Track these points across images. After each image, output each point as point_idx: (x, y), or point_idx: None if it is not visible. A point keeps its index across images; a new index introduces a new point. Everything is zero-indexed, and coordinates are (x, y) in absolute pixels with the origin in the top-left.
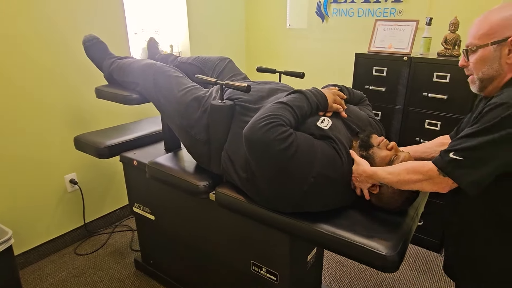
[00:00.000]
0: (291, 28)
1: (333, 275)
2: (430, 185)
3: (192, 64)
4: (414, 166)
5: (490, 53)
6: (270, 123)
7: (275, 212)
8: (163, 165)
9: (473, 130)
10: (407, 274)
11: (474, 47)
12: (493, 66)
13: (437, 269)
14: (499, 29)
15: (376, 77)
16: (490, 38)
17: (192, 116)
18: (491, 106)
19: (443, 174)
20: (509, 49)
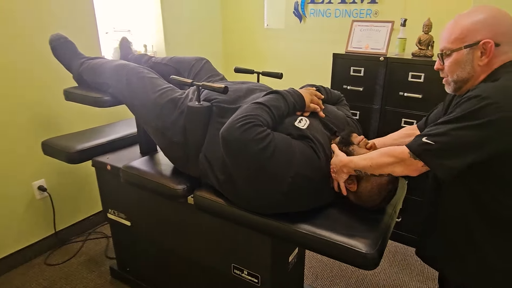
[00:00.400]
0: (269, 28)
1: (315, 274)
2: (401, 168)
3: (167, 65)
4: (387, 150)
5: (463, 56)
6: (247, 124)
7: (255, 214)
8: (138, 169)
9: (447, 118)
10: (387, 271)
11: (449, 51)
12: (466, 69)
13: (416, 264)
14: (470, 33)
15: (354, 77)
16: (463, 42)
17: (168, 118)
18: (467, 98)
19: (413, 156)
20: (481, 51)
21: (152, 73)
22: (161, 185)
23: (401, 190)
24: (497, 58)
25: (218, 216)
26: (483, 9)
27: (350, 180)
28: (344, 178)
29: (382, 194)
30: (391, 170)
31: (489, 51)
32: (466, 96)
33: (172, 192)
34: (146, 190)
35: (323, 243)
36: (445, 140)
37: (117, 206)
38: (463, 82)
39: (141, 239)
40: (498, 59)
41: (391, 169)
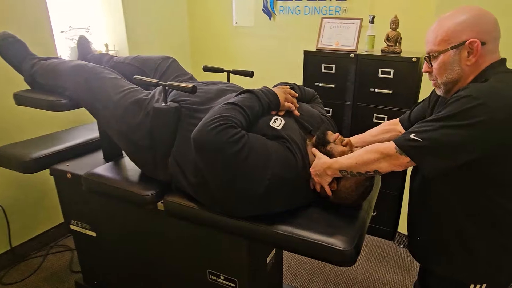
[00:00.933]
0: (238, 26)
1: (294, 273)
2: (387, 163)
3: (130, 65)
4: (372, 146)
5: (450, 58)
6: (220, 125)
7: (230, 217)
8: (102, 176)
9: (436, 116)
10: (365, 264)
11: (436, 53)
12: (454, 70)
13: (392, 256)
14: (455, 33)
15: (325, 74)
16: (449, 43)
17: (132, 121)
18: (457, 98)
19: (400, 152)
20: (467, 51)
21: (114, 74)
22: (128, 192)
23: (375, 185)
24: (484, 58)
25: (191, 222)
26: (466, 10)
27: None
28: (328, 181)
29: (360, 190)
30: (377, 167)
31: (476, 50)
32: (456, 96)
33: (140, 198)
34: (112, 198)
35: (301, 243)
36: (433, 138)
37: (80, 216)
38: (453, 84)
39: (109, 250)
40: (485, 58)
41: (377, 165)
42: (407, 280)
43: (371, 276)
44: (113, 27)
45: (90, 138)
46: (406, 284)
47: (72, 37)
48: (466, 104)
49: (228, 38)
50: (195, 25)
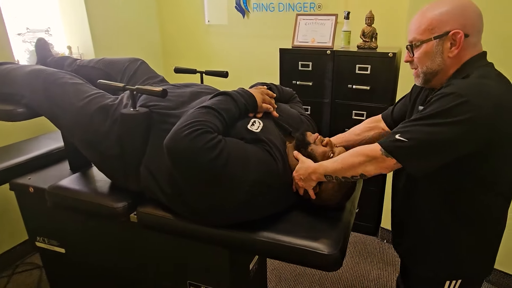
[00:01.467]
0: (210, 24)
1: (278, 276)
2: (373, 166)
3: (95, 68)
4: (357, 149)
5: (433, 48)
6: (195, 131)
7: (208, 227)
8: (68, 189)
9: (421, 115)
10: (349, 262)
11: (419, 42)
12: (436, 60)
13: (376, 252)
14: (439, 23)
15: (302, 72)
16: (432, 33)
17: (99, 129)
18: (441, 95)
19: (385, 153)
20: (450, 42)
21: (76, 78)
22: (97, 205)
23: (357, 184)
24: (466, 50)
25: (167, 233)
26: (451, 0)
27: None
28: (313, 185)
29: (342, 191)
30: (363, 170)
31: (458, 42)
32: (440, 93)
33: (111, 211)
34: (80, 212)
35: (283, 250)
36: (419, 137)
37: (47, 232)
38: (433, 75)
39: (80, 267)
40: (467, 51)
41: (363, 168)
42: (392, 275)
43: (356, 273)
44: (76, 27)
45: (53, 148)
46: (392, 279)
47: (30, 40)
48: (450, 102)
49: (201, 37)
50: (166, 24)
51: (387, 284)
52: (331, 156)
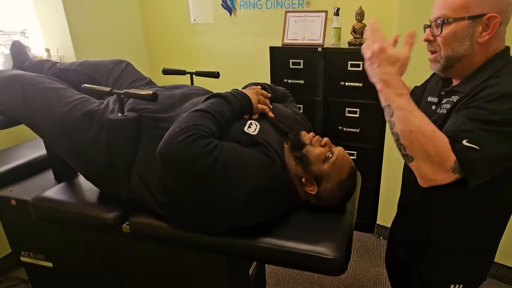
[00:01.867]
0: (196, 23)
1: (277, 278)
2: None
3: (77, 71)
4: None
5: (463, 29)
6: (190, 136)
7: (206, 235)
8: (53, 200)
9: (484, 118)
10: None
11: (451, 19)
12: (464, 44)
13: (373, 249)
14: (476, 3)
15: (294, 70)
16: (467, 12)
17: (85, 136)
18: (499, 94)
19: (457, 169)
20: (482, 27)
21: (58, 83)
22: (86, 216)
23: (357, 184)
24: (495, 39)
25: (162, 243)
26: None
27: (309, 183)
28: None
29: (342, 192)
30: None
31: (492, 28)
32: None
33: (102, 222)
34: (67, 224)
35: (286, 255)
36: (491, 146)
37: (32, 246)
38: (456, 60)
39: (69, 281)
40: (496, 41)
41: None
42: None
43: (354, 271)
44: (55, 29)
45: (35, 156)
46: None
47: (5, 43)
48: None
49: (187, 37)
50: (149, 24)
51: (386, 281)
52: (330, 156)
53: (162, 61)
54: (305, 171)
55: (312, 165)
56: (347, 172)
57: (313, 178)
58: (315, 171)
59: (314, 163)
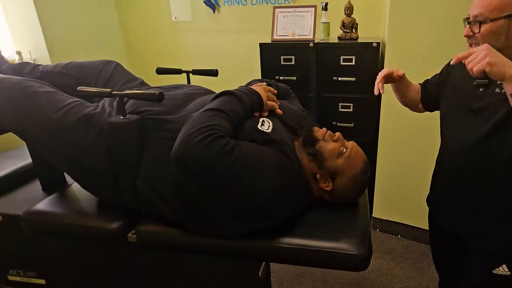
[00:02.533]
0: (178, 21)
1: (279, 278)
2: None
3: (62, 74)
4: None
5: (499, 27)
6: (207, 137)
7: (222, 239)
8: (48, 213)
9: None
10: None
11: (488, 19)
12: (500, 39)
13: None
14: (510, 3)
15: (285, 66)
16: (502, 12)
17: (82, 142)
18: None
19: None
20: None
21: (47, 86)
22: (88, 228)
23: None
24: None
25: (174, 250)
26: None
27: (324, 179)
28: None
29: (357, 186)
30: None
31: None
32: None
33: (105, 233)
34: (67, 238)
35: (310, 254)
36: None
37: (22, 264)
38: None
39: None
40: None
41: None
42: (390, 264)
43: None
44: (26, 30)
45: (19, 167)
46: (391, 267)
47: None
48: None
49: (168, 36)
50: (128, 22)
51: (388, 272)
52: (344, 151)
53: (142, 62)
54: (320, 167)
55: (326, 161)
56: (361, 166)
57: (328, 174)
58: (330, 167)
59: (328, 158)
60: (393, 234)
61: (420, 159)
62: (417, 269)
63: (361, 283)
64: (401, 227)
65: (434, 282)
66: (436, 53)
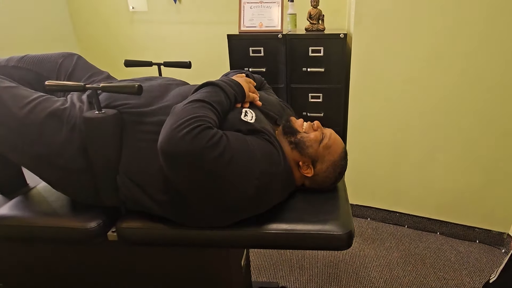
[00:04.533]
0: (135, 11)
1: (257, 268)
2: None
3: (18, 68)
4: None
5: None
6: (195, 128)
7: (210, 229)
8: (16, 217)
9: None
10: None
11: None
12: None
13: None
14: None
15: (254, 58)
16: None
17: (53, 140)
18: None
19: None
20: None
21: (6, 81)
22: (64, 229)
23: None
24: None
25: (159, 245)
26: None
27: (306, 166)
28: None
29: (337, 171)
30: None
31: None
32: None
33: (84, 233)
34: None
35: (298, 238)
36: None
37: None
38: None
39: None
40: None
41: None
42: (362, 245)
43: (331, 251)
44: None
45: None
46: (363, 248)
47: None
48: None
49: (125, 27)
50: (79, 12)
51: (360, 253)
52: (324, 139)
53: (97, 56)
54: (302, 155)
55: (308, 149)
56: (340, 152)
57: (310, 161)
58: (311, 154)
59: (310, 146)
60: (362, 218)
61: (386, 147)
62: (386, 248)
63: (336, 266)
64: (370, 210)
65: (402, 259)
66: (403, 44)
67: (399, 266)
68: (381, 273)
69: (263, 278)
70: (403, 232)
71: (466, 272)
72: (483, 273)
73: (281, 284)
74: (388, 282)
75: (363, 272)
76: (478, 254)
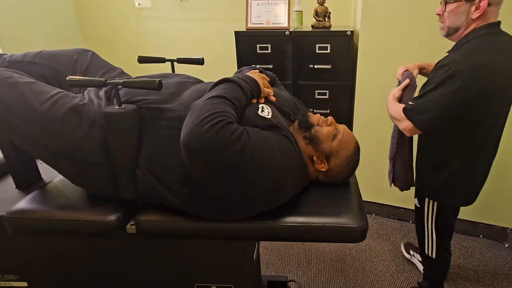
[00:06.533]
0: (141, 7)
1: (265, 262)
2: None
3: (35, 63)
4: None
5: (461, 8)
6: (217, 123)
7: (227, 222)
8: (36, 210)
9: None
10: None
11: (452, 0)
12: (461, 19)
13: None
14: None
15: (261, 54)
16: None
17: (74, 135)
18: (437, 67)
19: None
20: (475, 6)
21: (26, 77)
22: (83, 222)
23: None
24: (484, 16)
25: (179, 237)
26: None
27: (320, 161)
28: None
29: (350, 166)
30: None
31: (482, 8)
32: (437, 65)
33: (103, 226)
34: (59, 234)
35: (318, 230)
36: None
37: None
38: (454, 30)
39: None
40: (484, 18)
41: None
42: (368, 240)
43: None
44: None
45: None
46: (369, 243)
47: None
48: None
49: (132, 24)
50: (85, 9)
51: (366, 248)
52: (337, 134)
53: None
54: (316, 150)
55: (322, 144)
56: (353, 147)
57: (324, 156)
58: (326, 149)
59: (324, 141)
60: (368, 213)
61: None
62: (391, 243)
63: (343, 260)
64: (375, 206)
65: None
66: (410, 40)
67: (405, 260)
68: (387, 267)
69: (272, 272)
70: (407, 227)
71: (470, 266)
72: (488, 268)
73: (289, 278)
74: (395, 275)
75: (370, 266)
76: (482, 248)
